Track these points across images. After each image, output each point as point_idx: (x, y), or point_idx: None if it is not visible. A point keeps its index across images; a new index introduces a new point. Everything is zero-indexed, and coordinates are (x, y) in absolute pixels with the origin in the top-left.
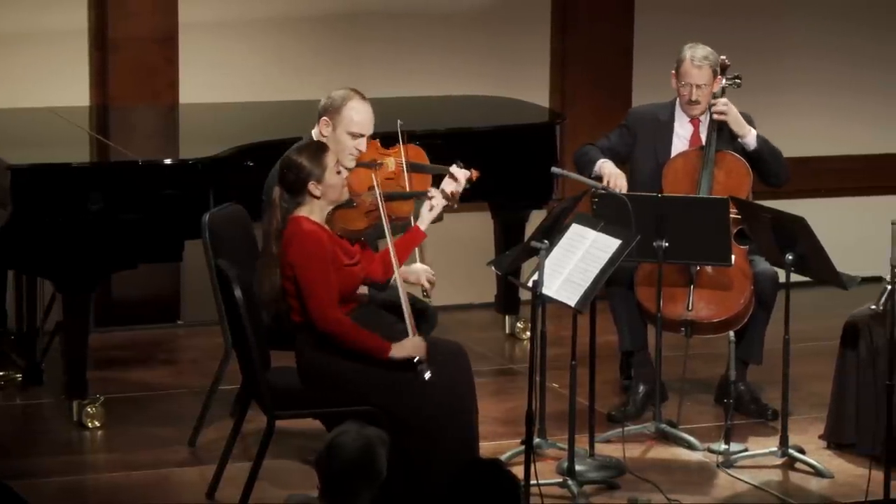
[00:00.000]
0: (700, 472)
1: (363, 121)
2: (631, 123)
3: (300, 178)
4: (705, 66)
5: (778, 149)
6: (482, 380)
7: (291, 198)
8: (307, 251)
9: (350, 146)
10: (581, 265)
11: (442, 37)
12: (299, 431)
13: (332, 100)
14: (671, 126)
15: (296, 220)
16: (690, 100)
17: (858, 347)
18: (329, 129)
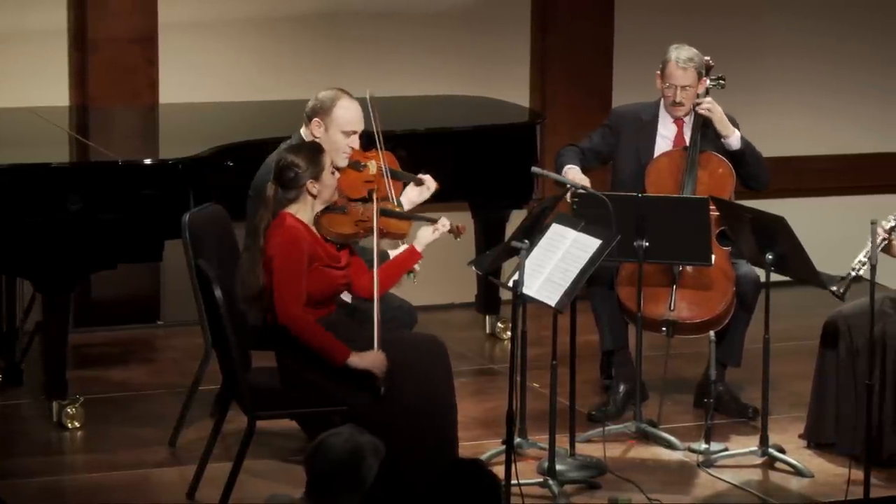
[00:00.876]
0: (681, 472)
1: (354, 119)
2: (614, 123)
3: (299, 176)
4: (690, 68)
5: (760, 153)
6: (463, 380)
7: (285, 195)
8: (283, 244)
9: (344, 145)
10: (561, 265)
11: (422, 36)
12: (280, 432)
13: (320, 101)
14: (654, 126)
15: (280, 216)
16: (675, 101)
17: (838, 347)
18: (321, 131)
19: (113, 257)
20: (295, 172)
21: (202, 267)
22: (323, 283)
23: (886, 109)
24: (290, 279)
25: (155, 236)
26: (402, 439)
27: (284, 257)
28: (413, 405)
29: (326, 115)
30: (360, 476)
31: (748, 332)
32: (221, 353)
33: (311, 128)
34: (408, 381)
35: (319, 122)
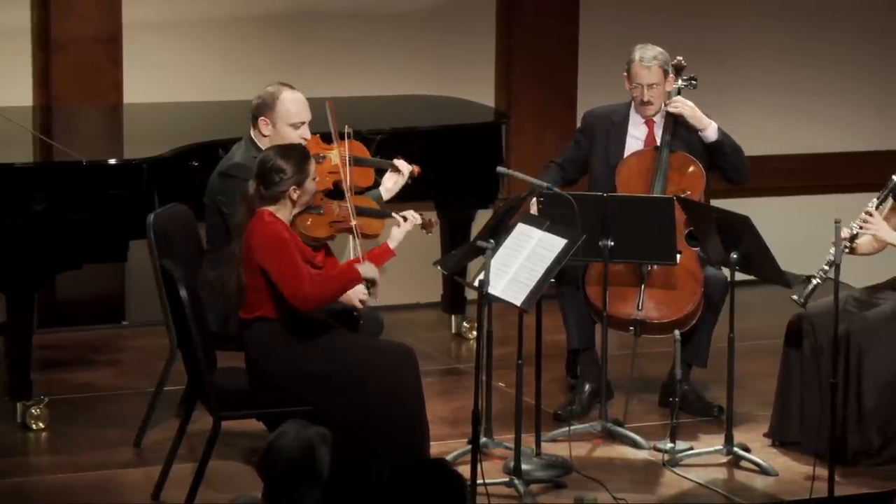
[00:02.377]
0: (646, 471)
1: (300, 109)
2: (586, 127)
3: (283, 181)
4: (654, 66)
5: (738, 144)
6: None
7: (265, 196)
8: (268, 239)
9: (294, 137)
10: (527, 264)
11: (387, 36)
12: (245, 432)
13: (262, 99)
14: (625, 127)
15: (259, 214)
16: (643, 100)
17: (802, 346)
18: (270, 128)
19: (78, 257)
20: (280, 177)
21: (167, 267)
22: None
23: (851, 109)
24: (289, 266)
25: (120, 236)
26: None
27: (273, 250)
28: (381, 411)
29: (271, 112)
30: (316, 469)
31: (713, 331)
32: (187, 353)
33: (258, 127)
34: (376, 385)
35: (266, 120)
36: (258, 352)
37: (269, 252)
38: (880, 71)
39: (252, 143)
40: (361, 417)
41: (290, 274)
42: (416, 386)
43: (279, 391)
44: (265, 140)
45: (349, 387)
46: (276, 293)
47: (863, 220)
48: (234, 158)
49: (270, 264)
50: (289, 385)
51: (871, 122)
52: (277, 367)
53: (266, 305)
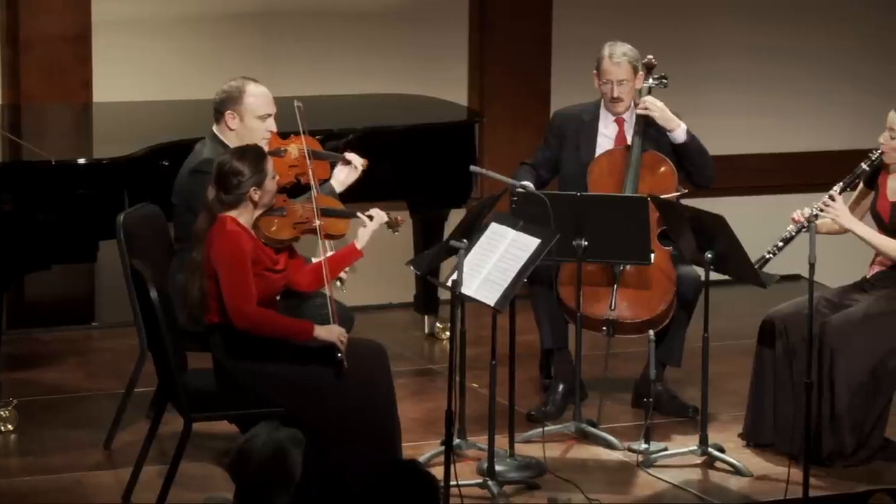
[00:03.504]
0: (620, 472)
1: (266, 102)
2: (555, 128)
3: (242, 184)
4: (623, 62)
5: (705, 147)
6: (401, 380)
7: (226, 200)
8: (226, 249)
9: (261, 130)
10: (500, 264)
11: (359, 34)
12: (217, 434)
13: (227, 93)
14: (595, 126)
15: (220, 220)
16: (612, 97)
17: (775, 346)
18: (236, 122)
19: (47, 258)
20: (238, 180)
21: (137, 267)
22: (266, 287)
23: (825, 108)
24: (239, 280)
25: (89, 237)
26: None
27: (229, 261)
28: (353, 411)
29: (238, 105)
30: (288, 472)
31: (687, 331)
32: (157, 354)
33: (224, 121)
34: (348, 384)
35: (233, 114)
36: (225, 355)
37: (225, 261)
38: (854, 69)
39: (217, 139)
40: (333, 417)
41: (238, 286)
42: (387, 383)
43: (249, 393)
44: (231, 134)
45: (320, 387)
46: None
47: (824, 202)
48: (203, 155)
49: (222, 271)
50: (258, 387)
51: (846, 121)
52: (246, 369)
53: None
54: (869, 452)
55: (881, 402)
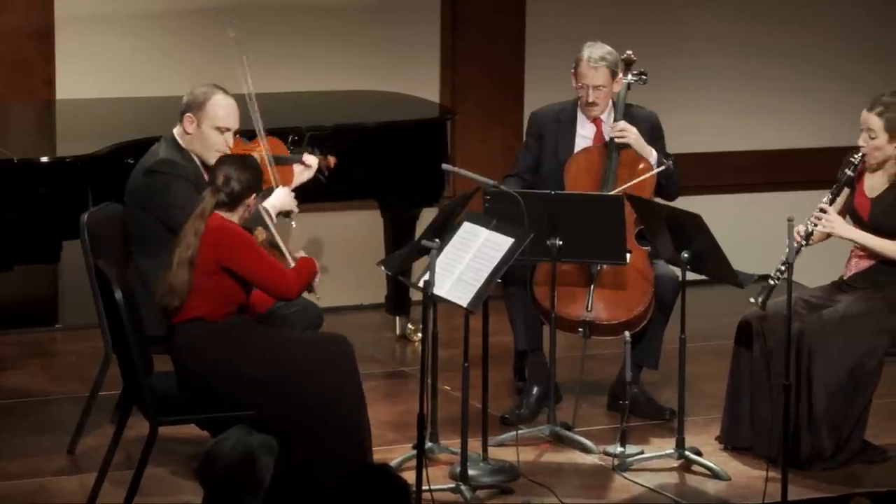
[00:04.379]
0: (595, 476)
1: (229, 115)
2: (534, 129)
3: (243, 188)
4: (602, 67)
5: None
6: (372, 383)
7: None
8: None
9: (218, 142)
10: (473, 264)
11: (329, 30)
12: (184, 438)
13: (194, 96)
14: (573, 127)
15: (216, 217)
16: (588, 101)
17: (752, 348)
18: (193, 126)
19: (9, 259)
20: (243, 184)
21: (102, 268)
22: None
23: (804, 105)
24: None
25: (52, 237)
26: (310, 442)
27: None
28: (319, 407)
29: (199, 111)
30: (257, 477)
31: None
32: (122, 356)
33: (183, 124)
34: (314, 382)
35: (192, 118)
36: (188, 355)
37: (244, 248)
38: (834, 66)
39: (174, 141)
40: (301, 416)
41: (271, 268)
42: (354, 378)
43: (212, 393)
44: (187, 138)
45: (285, 385)
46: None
47: (816, 217)
48: (159, 155)
49: (247, 260)
50: (222, 388)
51: (825, 119)
52: (209, 369)
53: (206, 307)
54: (848, 455)
55: (860, 404)
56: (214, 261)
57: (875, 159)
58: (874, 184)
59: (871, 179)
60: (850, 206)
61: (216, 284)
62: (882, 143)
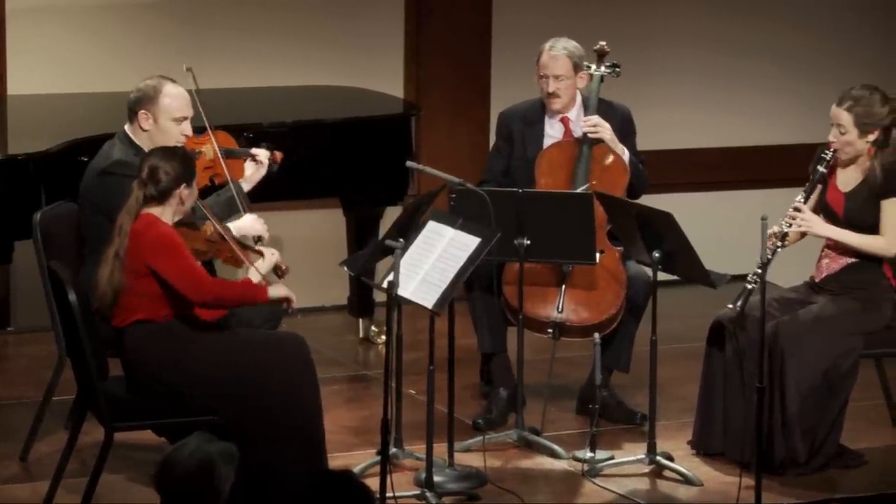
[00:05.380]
0: (564, 482)
1: (183, 104)
2: (503, 130)
3: (171, 180)
4: (562, 56)
5: (645, 173)
6: (335, 387)
7: (154, 196)
8: (161, 238)
9: (176, 133)
10: (439, 264)
11: (289, 23)
12: (140, 444)
13: (143, 92)
14: (541, 127)
15: (146, 216)
16: (548, 92)
17: (724, 351)
18: (150, 122)
19: None
20: (170, 175)
21: (55, 269)
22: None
23: (777, 100)
24: (184, 261)
25: (4, 237)
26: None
27: (168, 247)
28: (276, 408)
29: (153, 105)
30: (215, 487)
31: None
32: (76, 360)
33: (138, 121)
34: (269, 382)
35: (147, 114)
36: (136, 357)
37: (163, 251)
38: (807, 61)
39: (128, 139)
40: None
41: (189, 270)
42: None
43: (166, 398)
44: (144, 135)
45: (238, 386)
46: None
47: (791, 216)
48: (113, 156)
49: (165, 263)
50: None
51: (798, 114)
52: (158, 372)
53: (146, 309)
54: (823, 460)
55: (835, 407)
56: (142, 262)
57: (847, 154)
58: (847, 178)
59: (844, 174)
60: (823, 202)
61: (149, 286)
62: (853, 138)
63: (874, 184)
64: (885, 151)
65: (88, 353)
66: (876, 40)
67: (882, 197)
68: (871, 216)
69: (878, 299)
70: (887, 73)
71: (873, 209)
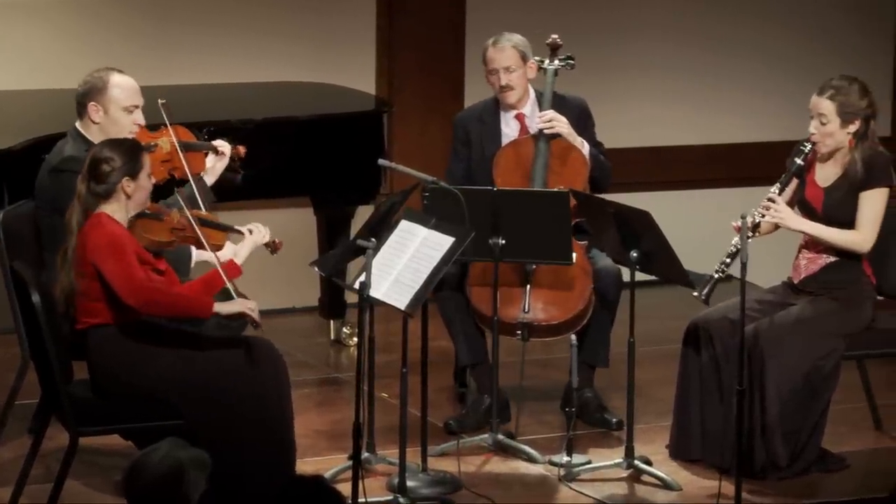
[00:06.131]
0: (540, 487)
1: (132, 92)
2: (460, 133)
3: (114, 171)
4: (507, 47)
5: (608, 163)
6: (305, 390)
7: (98, 192)
8: (104, 238)
9: (128, 123)
10: (411, 265)
11: (258, 17)
12: (106, 449)
13: (91, 84)
14: (497, 126)
15: (96, 216)
16: (501, 86)
17: (700, 355)
18: (101, 114)
19: None
20: (111, 167)
21: (18, 269)
22: None
23: (758, 96)
24: (123, 261)
25: None
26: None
27: (109, 247)
28: (244, 413)
29: (102, 96)
30: (183, 493)
31: (612, 336)
32: (40, 363)
33: (88, 114)
34: (236, 387)
35: (97, 106)
36: (103, 360)
37: (103, 250)
38: (791, 58)
39: (80, 134)
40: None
41: (124, 270)
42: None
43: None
44: (95, 128)
45: (206, 391)
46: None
47: (765, 206)
48: (65, 152)
49: (103, 262)
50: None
51: (779, 111)
52: (127, 375)
53: (104, 312)
54: (804, 464)
55: (816, 410)
56: (88, 263)
57: (826, 147)
58: (826, 174)
59: (823, 170)
60: (801, 198)
61: (99, 288)
62: (834, 128)
63: (854, 177)
64: (864, 143)
65: (52, 356)
66: (859, 38)
67: (861, 189)
68: (850, 211)
69: (859, 299)
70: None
71: (853, 204)
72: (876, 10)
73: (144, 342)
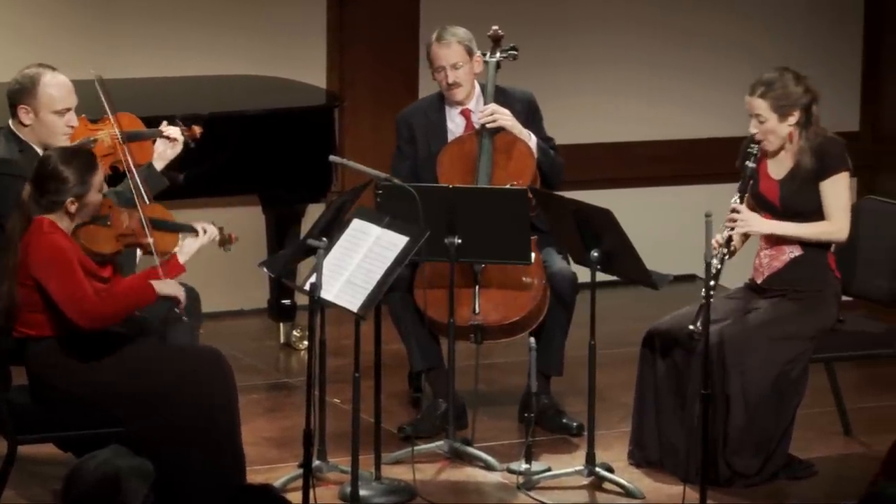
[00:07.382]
0: (498, 495)
1: (65, 94)
2: (404, 131)
3: (61, 191)
4: (454, 43)
5: (559, 159)
6: (254, 396)
7: (42, 204)
8: (47, 251)
9: (60, 126)
10: (364, 265)
11: (204, 8)
12: (46, 458)
13: (20, 84)
14: (443, 122)
15: (37, 223)
16: (448, 83)
17: (656, 366)
18: (31, 117)
19: None
20: (57, 187)
21: None
22: None
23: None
24: (70, 280)
25: None
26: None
27: (53, 263)
28: (188, 422)
29: (32, 98)
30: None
31: (572, 338)
32: None
33: (18, 116)
34: (180, 395)
35: (26, 108)
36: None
37: (47, 266)
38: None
39: (12, 135)
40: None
41: (71, 289)
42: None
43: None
44: (27, 130)
45: (148, 399)
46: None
47: (731, 220)
48: None
49: (48, 279)
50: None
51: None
52: (66, 383)
53: (45, 323)
54: (772, 470)
55: (786, 416)
56: (31, 276)
57: (772, 144)
58: (778, 166)
59: (775, 162)
60: (756, 192)
61: (40, 299)
62: (773, 125)
63: (807, 166)
64: (808, 131)
65: None
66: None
67: (819, 179)
68: (810, 201)
69: (825, 293)
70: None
71: (811, 193)
72: (840, 6)
73: (85, 354)
